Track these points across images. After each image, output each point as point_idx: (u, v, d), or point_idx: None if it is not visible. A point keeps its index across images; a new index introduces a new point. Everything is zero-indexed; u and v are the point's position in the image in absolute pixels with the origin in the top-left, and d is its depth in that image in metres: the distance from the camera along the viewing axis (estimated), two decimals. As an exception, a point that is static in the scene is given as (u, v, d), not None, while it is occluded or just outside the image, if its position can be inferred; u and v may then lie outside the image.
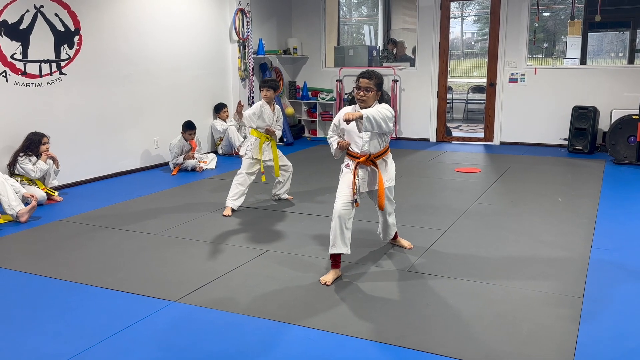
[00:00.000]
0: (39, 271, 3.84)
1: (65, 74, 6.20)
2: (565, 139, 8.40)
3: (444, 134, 9.46)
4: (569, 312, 3.10)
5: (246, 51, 8.80)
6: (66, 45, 6.18)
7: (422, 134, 9.48)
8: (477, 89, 12.69)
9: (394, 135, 9.55)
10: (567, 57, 11.21)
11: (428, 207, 5.29)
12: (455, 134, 9.97)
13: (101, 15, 6.55)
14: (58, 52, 6.10)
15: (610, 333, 2.88)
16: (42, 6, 5.87)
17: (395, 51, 10.61)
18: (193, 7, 7.95)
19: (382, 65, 9.87)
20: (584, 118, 8.02)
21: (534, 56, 11.57)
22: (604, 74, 8.30)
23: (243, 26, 8.73)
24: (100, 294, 3.46)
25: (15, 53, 5.69)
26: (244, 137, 8.03)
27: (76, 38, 6.28)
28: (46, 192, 5.62)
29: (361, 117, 3.37)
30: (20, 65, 5.74)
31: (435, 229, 4.60)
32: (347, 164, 3.72)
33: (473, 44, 16.99)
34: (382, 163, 3.74)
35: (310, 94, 10.02)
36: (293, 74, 10.25)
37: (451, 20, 9.55)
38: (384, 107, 3.54)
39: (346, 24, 14.69)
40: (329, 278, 3.54)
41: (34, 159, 5.59)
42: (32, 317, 3.17)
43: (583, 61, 10.21)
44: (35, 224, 4.96)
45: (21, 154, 5.55)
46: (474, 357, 2.65)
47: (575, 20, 9.61)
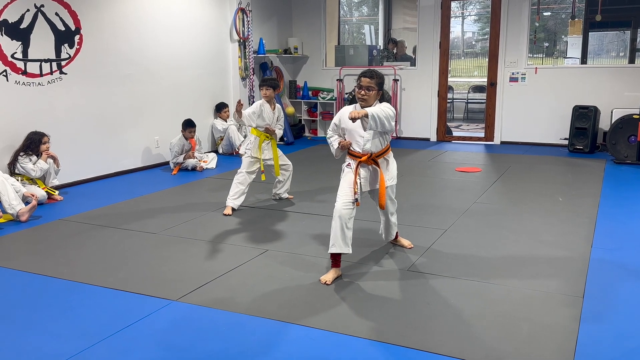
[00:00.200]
0: (39, 270, 3.85)
1: (66, 74, 6.20)
2: (565, 139, 8.39)
3: (445, 134, 9.45)
4: (569, 311, 3.10)
5: (247, 50, 8.80)
6: (67, 45, 6.18)
7: (423, 133, 9.48)
8: (477, 89, 12.67)
9: (394, 135, 9.54)
10: (567, 56, 11.20)
11: (428, 207, 5.29)
12: (455, 133, 9.96)
13: (102, 14, 6.55)
14: (58, 52, 6.10)
15: (611, 333, 2.88)
16: (42, 5, 5.87)
17: (395, 50, 10.60)
18: (193, 7, 7.95)
19: (382, 65, 9.86)
20: (584, 117, 8.01)
21: (535, 56, 11.57)
22: (604, 74, 8.29)
23: (243, 25, 8.73)
24: (100, 293, 3.47)
25: (16, 52, 5.69)
26: (244, 136, 8.03)
27: (76, 37, 6.28)
28: (47, 191, 5.62)
29: (366, 115, 3.38)
30: (20, 64, 5.74)
31: (435, 229, 4.60)
32: (348, 164, 3.72)
33: (474, 43, 16.98)
34: (384, 162, 3.74)
35: (310, 93, 10.02)
36: (293, 73, 10.24)
37: (452, 19, 9.55)
38: (386, 106, 3.55)
39: (347, 23, 14.68)
40: (329, 277, 3.55)
41: (34, 158, 5.58)
42: (32, 317, 3.17)
43: (584, 61, 10.21)
44: (35, 223, 4.96)
45: (21, 154, 5.55)
46: (475, 356, 2.66)
47: (576, 19, 9.60)
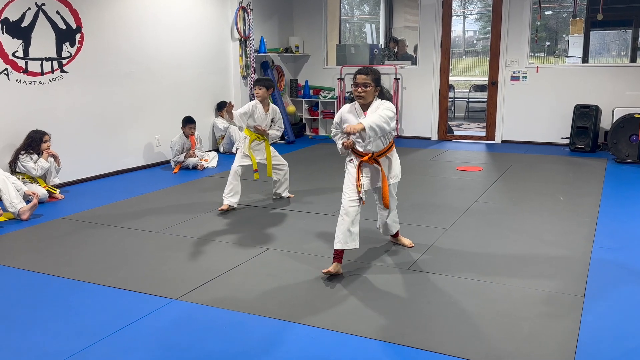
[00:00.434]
0: (40, 269, 3.85)
1: (67, 72, 6.20)
2: (567, 138, 8.38)
3: (446, 133, 9.44)
4: (570, 311, 3.10)
5: (248, 49, 8.80)
6: (68, 43, 6.18)
7: (424, 132, 9.47)
8: (478, 88, 12.67)
9: (395, 134, 9.52)
10: (569, 55, 11.20)
11: (429, 206, 5.29)
12: (456, 132, 9.95)
13: (102, 13, 6.55)
14: (59, 50, 6.10)
15: (612, 332, 2.88)
16: (43, 4, 5.87)
17: (396, 49, 10.59)
18: (194, 5, 7.95)
19: (383, 64, 9.86)
20: (585, 117, 8.00)
21: (536, 55, 11.57)
22: (606, 73, 8.28)
23: (244, 24, 8.73)
24: (101, 291, 3.47)
25: (17, 51, 5.69)
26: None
27: (77, 36, 6.28)
28: (47, 189, 5.62)
29: (363, 129, 3.35)
30: (21, 63, 5.74)
31: (436, 228, 4.60)
32: (351, 159, 3.74)
33: (475, 42, 16.97)
34: (386, 160, 3.73)
35: (311, 92, 10.02)
36: (294, 72, 10.24)
37: (453, 18, 9.54)
38: (385, 107, 3.52)
39: (348, 22, 14.68)
40: (330, 268, 3.60)
41: (35, 157, 5.60)
42: (33, 315, 3.17)
43: (585, 60, 10.21)
44: (36, 221, 4.96)
45: (22, 152, 5.56)
46: (475, 355, 2.66)
47: (578, 18, 9.60)
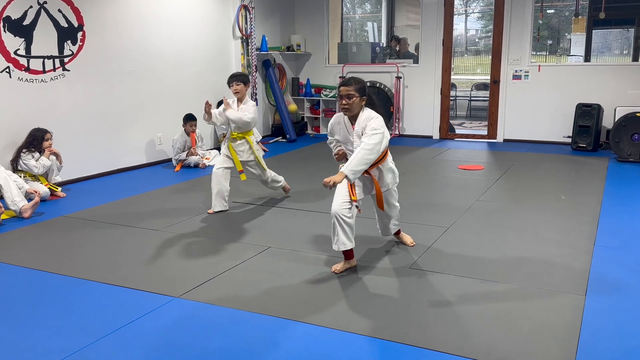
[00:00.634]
0: (41, 267, 3.86)
1: (69, 70, 6.21)
2: (568, 137, 8.38)
3: (447, 131, 9.44)
4: (571, 309, 3.10)
5: (249, 48, 8.81)
6: (69, 42, 6.19)
7: (425, 131, 9.47)
8: (480, 86, 12.67)
9: (397, 133, 9.54)
10: (571, 54, 11.20)
11: (430, 205, 5.29)
12: (458, 131, 9.95)
13: (104, 11, 6.56)
14: (61, 48, 6.11)
15: (613, 331, 2.88)
16: (45, 2, 5.88)
17: (398, 48, 10.59)
18: (196, 4, 7.95)
19: (385, 62, 9.86)
20: (587, 115, 8.00)
21: (538, 53, 11.57)
22: (608, 72, 8.27)
23: (246, 23, 8.73)
24: (102, 289, 3.48)
25: (19, 49, 5.70)
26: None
27: (79, 34, 6.29)
28: (49, 188, 5.64)
29: (344, 177, 3.35)
30: (23, 61, 5.75)
31: (437, 226, 4.60)
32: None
33: (477, 41, 16.96)
34: (376, 172, 3.71)
35: (313, 90, 10.02)
36: (296, 70, 10.25)
37: (455, 17, 9.53)
38: (371, 129, 3.44)
39: (349, 20, 14.68)
40: (338, 267, 3.65)
41: (37, 155, 5.61)
42: (34, 313, 3.18)
43: (587, 58, 10.21)
44: (38, 219, 4.97)
45: (24, 150, 5.57)
46: (476, 354, 2.66)
47: (580, 17, 9.59)
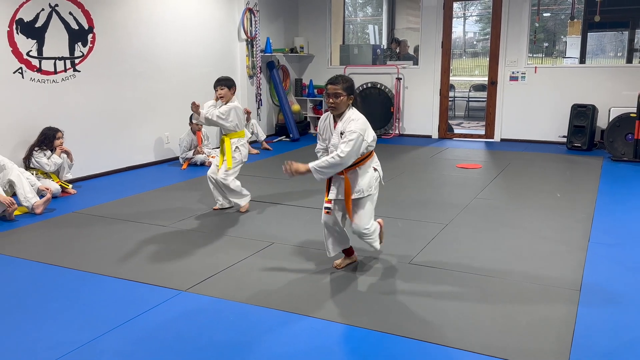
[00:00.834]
0: (53, 261, 3.90)
1: (79, 71, 6.34)
2: (564, 136, 8.47)
3: (446, 131, 9.54)
4: (567, 304, 3.14)
5: (254, 49, 8.94)
6: (80, 43, 6.33)
7: (425, 130, 9.58)
8: (478, 87, 12.77)
9: (396, 132, 9.67)
10: (566, 56, 11.32)
11: (429, 202, 5.35)
12: (456, 131, 10.04)
13: (114, 14, 6.69)
14: (72, 50, 6.24)
15: (607, 326, 2.91)
16: (56, 5, 6.01)
17: (398, 50, 10.73)
18: (203, 7, 8.08)
19: (386, 64, 9.99)
20: (582, 116, 8.09)
21: (535, 55, 11.69)
22: (602, 73, 8.38)
23: (251, 25, 8.86)
24: (112, 283, 3.51)
25: (31, 50, 5.82)
26: (251, 132, 8.17)
27: (90, 36, 6.42)
28: (60, 185, 5.72)
29: (308, 171, 3.36)
30: (35, 62, 5.88)
31: (436, 223, 4.65)
32: None
33: (475, 43, 17.09)
34: (352, 174, 3.46)
35: (316, 91, 10.12)
36: (299, 71, 10.38)
37: (454, 20, 9.66)
38: (348, 133, 3.35)
39: (351, 23, 14.80)
40: (340, 262, 3.71)
41: (48, 153, 5.68)
42: (45, 306, 3.21)
43: (582, 60, 10.32)
44: (49, 215, 5.04)
45: (36, 149, 5.65)
46: (473, 347, 2.70)
47: (575, 20, 9.73)
